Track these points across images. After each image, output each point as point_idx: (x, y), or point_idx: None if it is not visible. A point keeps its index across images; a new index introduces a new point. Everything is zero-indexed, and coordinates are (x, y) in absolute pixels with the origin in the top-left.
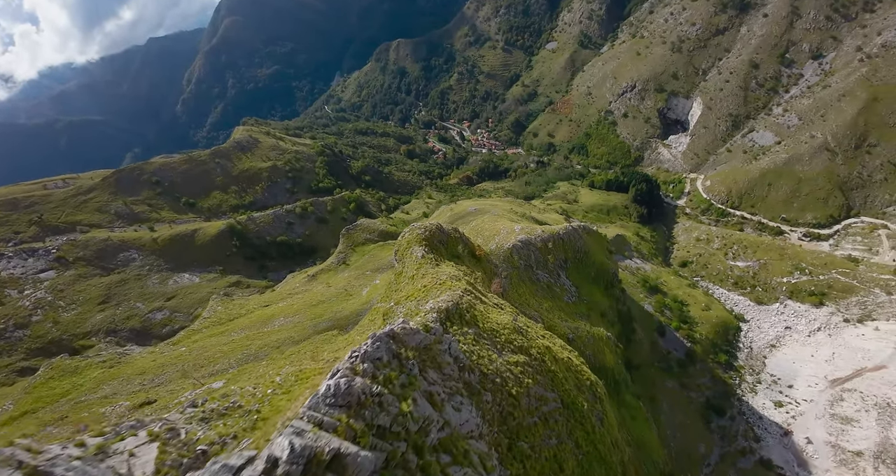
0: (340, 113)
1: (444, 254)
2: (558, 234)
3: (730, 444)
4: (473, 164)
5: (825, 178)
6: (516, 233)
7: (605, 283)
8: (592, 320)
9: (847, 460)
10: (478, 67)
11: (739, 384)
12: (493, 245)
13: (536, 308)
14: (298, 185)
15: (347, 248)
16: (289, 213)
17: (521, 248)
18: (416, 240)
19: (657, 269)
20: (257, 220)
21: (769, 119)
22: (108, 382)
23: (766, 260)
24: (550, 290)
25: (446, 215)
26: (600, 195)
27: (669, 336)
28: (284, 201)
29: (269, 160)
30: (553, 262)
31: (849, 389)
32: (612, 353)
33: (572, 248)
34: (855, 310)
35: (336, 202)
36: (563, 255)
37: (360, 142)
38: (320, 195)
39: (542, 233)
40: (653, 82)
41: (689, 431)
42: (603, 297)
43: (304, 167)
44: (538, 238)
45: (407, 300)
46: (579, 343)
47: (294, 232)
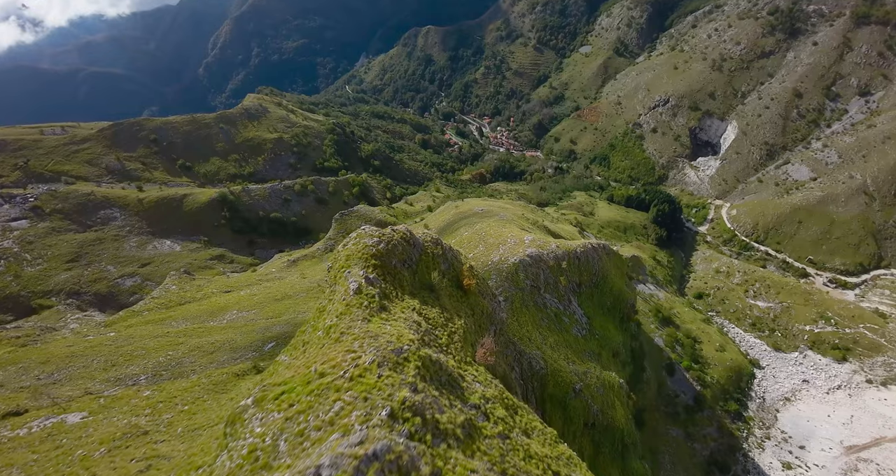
0: (360, 94)
1: (408, 284)
2: (575, 252)
3: None
4: (488, 162)
5: (859, 223)
6: (526, 244)
7: (620, 315)
8: (603, 361)
9: None
10: (506, 63)
11: (747, 438)
12: (496, 256)
13: (539, 344)
14: (303, 161)
15: (338, 235)
16: (287, 189)
17: (530, 264)
18: (360, 256)
19: (671, 298)
20: (252, 193)
21: (807, 153)
22: (3, 367)
23: (790, 303)
24: (558, 320)
25: (450, 213)
26: (619, 211)
27: (678, 376)
28: (285, 176)
29: (275, 132)
30: (565, 285)
31: (865, 459)
32: (624, 406)
33: (588, 270)
34: (880, 371)
35: (339, 184)
36: (577, 277)
37: (375, 125)
38: (324, 174)
39: (556, 248)
40: (687, 99)
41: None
42: (617, 331)
43: (312, 143)
44: (551, 254)
45: (275, 404)
46: (587, 394)
47: (290, 209)
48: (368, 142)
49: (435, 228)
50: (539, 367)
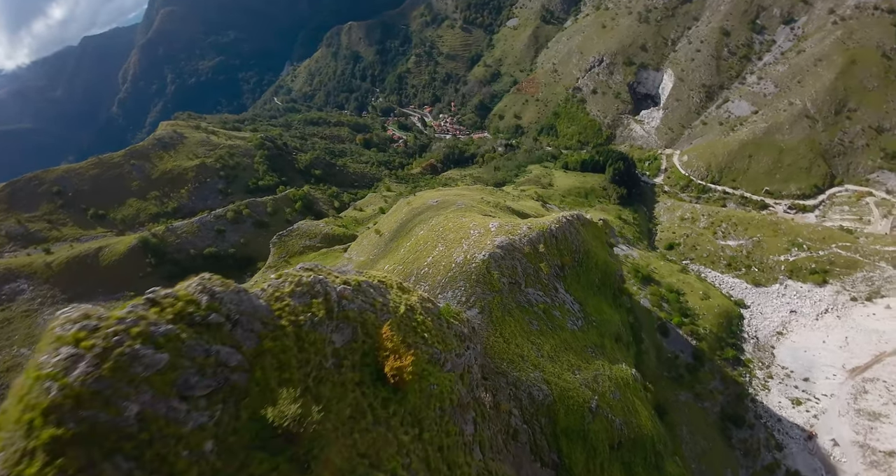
0: (291, 104)
1: None
2: (550, 230)
3: (754, 460)
4: (437, 151)
5: (807, 146)
6: (492, 233)
7: (611, 290)
8: (608, 352)
9: (879, 462)
10: (436, 49)
11: (750, 381)
12: (459, 255)
13: (535, 359)
14: (234, 184)
15: (280, 261)
16: (219, 218)
17: (503, 257)
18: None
19: (645, 254)
20: (178, 231)
21: (744, 88)
22: None
23: (760, 237)
24: (549, 316)
25: (402, 212)
26: (576, 177)
27: (672, 335)
28: (216, 205)
29: (196, 158)
30: (547, 272)
31: (871, 379)
32: (644, 403)
33: (569, 248)
34: (862, 287)
35: (278, 202)
36: (558, 259)
37: (311, 133)
38: (260, 195)
39: (527, 230)
40: (621, 56)
41: (712, 458)
42: (613, 310)
43: (241, 163)
44: (524, 239)
45: None
46: (605, 408)
47: (226, 241)
48: (305, 151)
49: (388, 232)
50: (542, 395)
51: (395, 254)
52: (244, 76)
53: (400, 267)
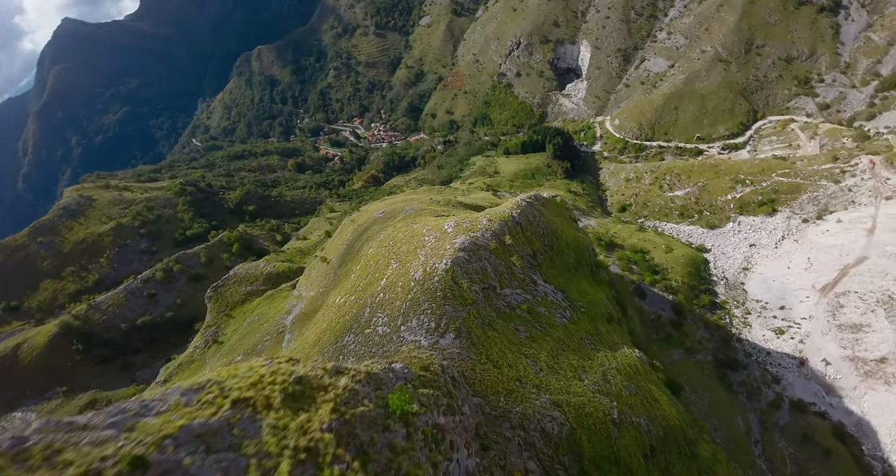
0: (211, 142)
1: None
2: (512, 218)
3: (758, 400)
4: (376, 162)
5: (726, 88)
6: (450, 234)
7: (588, 267)
8: (605, 338)
9: (872, 371)
10: (354, 58)
11: (731, 322)
12: (417, 270)
13: (536, 379)
14: (158, 240)
15: (219, 317)
16: (147, 282)
17: (469, 260)
18: None
19: (602, 221)
20: (104, 306)
21: (657, 45)
22: None
23: (704, 182)
24: (534, 316)
25: (348, 231)
26: (519, 160)
27: (649, 295)
28: (141, 267)
29: (110, 220)
30: (521, 265)
31: (843, 293)
32: (660, 388)
33: (536, 233)
34: (810, 208)
35: (212, 249)
36: (527, 248)
37: (237, 168)
38: (190, 245)
39: (488, 223)
40: (536, 35)
41: (720, 409)
42: (595, 288)
43: (163, 216)
44: (487, 233)
45: None
46: (626, 412)
47: (160, 305)
48: (233, 189)
49: (335, 257)
50: (557, 426)
51: (345, 281)
52: (156, 123)
53: (352, 297)
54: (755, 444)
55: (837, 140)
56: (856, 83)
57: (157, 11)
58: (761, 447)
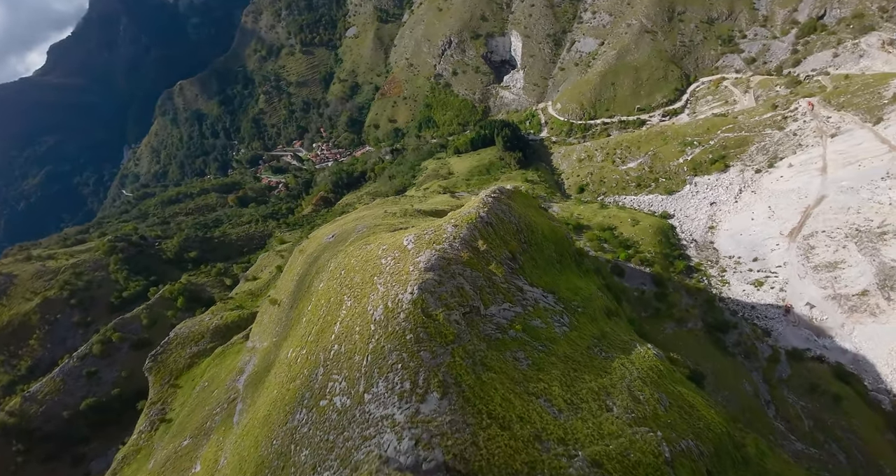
0: (143, 190)
1: None
2: (480, 218)
3: (756, 359)
4: (323, 182)
5: (656, 57)
6: (411, 252)
7: (571, 257)
8: (612, 339)
9: (856, 306)
10: (284, 80)
11: (709, 283)
12: (377, 306)
13: (557, 429)
14: (92, 309)
15: (164, 390)
16: (84, 359)
17: (439, 281)
18: None
19: (564, 205)
20: (39, 395)
21: (584, 26)
22: None
23: (654, 150)
24: (531, 334)
25: (298, 264)
26: (471, 157)
27: (628, 272)
28: (76, 343)
29: (35, 295)
30: (502, 274)
31: (810, 235)
32: (687, 386)
33: (510, 231)
34: (760, 158)
35: (154, 309)
36: (504, 250)
37: (173, 213)
38: (130, 308)
39: (454, 229)
40: (466, 31)
41: (725, 376)
42: (583, 280)
43: (94, 280)
44: (455, 242)
45: None
46: (673, 441)
47: (104, 383)
48: (171, 237)
49: (286, 297)
50: None
51: (297, 327)
52: (81, 180)
53: (304, 351)
54: (767, 405)
55: (771, 89)
56: (776, 34)
57: (66, 62)
58: (774, 408)
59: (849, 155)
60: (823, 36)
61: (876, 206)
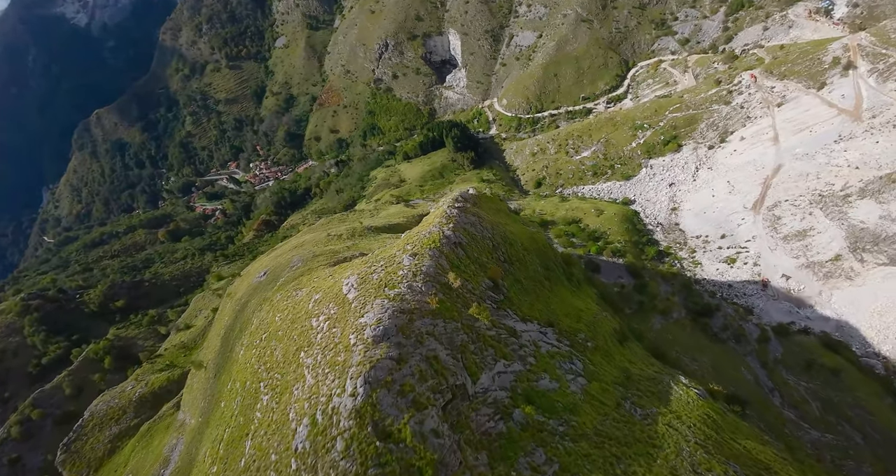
0: (66, 233)
1: None
2: (446, 239)
3: (747, 342)
4: (264, 205)
5: (595, 45)
6: (353, 305)
7: (559, 268)
8: (639, 382)
9: (831, 271)
10: (211, 98)
11: (682, 266)
12: (301, 424)
13: None
14: (8, 383)
15: None
16: (2, 445)
17: (399, 357)
18: None
19: (524, 202)
20: None
21: (521, 20)
22: None
23: (605, 137)
24: (543, 405)
25: (226, 313)
26: (422, 162)
27: (602, 266)
28: None
29: None
30: (488, 318)
31: (774, 205)
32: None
33: (484, 249)
34: (711, 134)
35: (78, 375)
36: (483, 278)
37: (97, 257)
38: (50, 377)
39: (413, 261)
40: (402, 33)
41: (725, 370)
42: (579, 297)
43: (9, 348)
44: (417, 283)
45: None
46: None
47: (29, 471)
48: (94, 285)
49: (212, 360)
50: None
51: (217, 412)
52: None
53: (214, 468)
54: (771, 393)
55: (709, 67)
56: (706, 13)
57: None
58: (779, 395)
59: (798, 122)
60: (751, 11)
61: (835, 169)
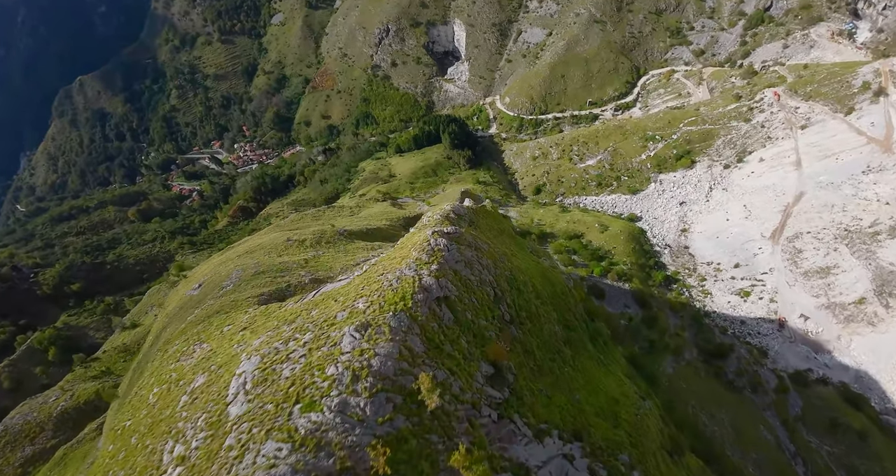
0: (38, 204)
1: None
2: (425, 294)
3: (764, 393)
4: (243, 190)
5: (606, 49)
6: (225, 441)
7: (582, 325)
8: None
9: (853, 315)
10: (200, 72)
11: (690, 295)
12: None
13: None
14: None
15: None
16: None
17: None
18: None
19: (522, 209)
20: None
21: (530, 15)
22: None
23: (613, 146)
24: None
25: (154, 331)
26: (415, 157)
27: (607, 292)
28: None
29: None
30: (481, 441)
31: (795, 237)
32: None
33: (483, 302)
34: (727, 152)
35: (18, 365)
36: (479, 363)
37: (62, 233)
38: None
39: (356, 344)
40: (405, 19)
41: (747, 430)
42: (610, 374)
43: None
44: (362, 389)
45: None
46: None
47: None
48: (52, 264)
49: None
50: None
51: None
52: None
53: None
54: (794, 459)
55: (726, 81)
56: (724, 25)
57: None
58: (802, 462)
59: (823, 147)
60: (771, 27)
61: (863, 202)
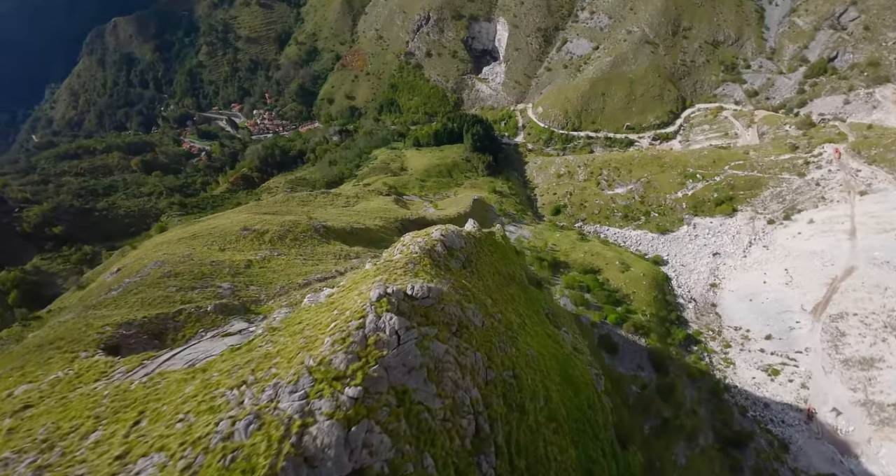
0: (52, 138)
1: None
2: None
3: None
4: (251, 157)
5: (654, 73)
6: None
7: (612, 463)
8: None
9: (890, 418)
10: (233, 32)
11: (711, 361)
12: None
13: None
14: None
15: None
16: None
17: None
18: None
19: (537, 229)
20: None
21: (579, 26)
22: None
23: (648, 177)
24: None
25: None
26: (432, 153)
27: (621, 346)
28: None
29: None
30: None
31: (839, 316)
32: None
33: (444, 446)
34: (774, 206)
35: None
36: None
37: (62, 171)
38: None
39: None
40: (447, 9)
41: None
42: None
43: None
44: None
45: None
46: None
47: None
48: (40, 202)
49: None
50: None
51: None
52: None
53: None
54: None
55: (779, 128)
56: (783, 69)
57: None
58: None
59: (883, 220)
60: (834, 79)
61: None
